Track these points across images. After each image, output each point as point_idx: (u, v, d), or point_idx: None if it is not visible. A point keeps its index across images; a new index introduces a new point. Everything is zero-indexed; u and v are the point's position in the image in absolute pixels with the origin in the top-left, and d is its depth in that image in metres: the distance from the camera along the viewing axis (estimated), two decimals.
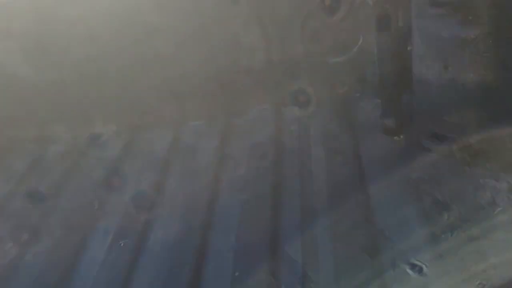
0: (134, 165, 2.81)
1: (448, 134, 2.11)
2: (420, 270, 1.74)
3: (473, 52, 1.87)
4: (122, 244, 2.24)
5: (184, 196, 2.48)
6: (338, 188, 2.30)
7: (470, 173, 2.10)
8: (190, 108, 3.13)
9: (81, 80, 3.07)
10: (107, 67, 3.04)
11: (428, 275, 1.71)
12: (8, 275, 2.16)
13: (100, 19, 2.87)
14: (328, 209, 2.20)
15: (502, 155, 2.02)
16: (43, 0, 2.89)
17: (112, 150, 3.00)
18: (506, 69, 1.85)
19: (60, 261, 2.19)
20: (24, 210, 2.57)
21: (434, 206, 2.05)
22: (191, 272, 2.02)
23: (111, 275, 2.09)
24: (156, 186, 2.60)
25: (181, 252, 2.14)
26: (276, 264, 1.98)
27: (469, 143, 2.07)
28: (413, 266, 1.76)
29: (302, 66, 2.96)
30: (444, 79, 1.98)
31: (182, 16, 2.89)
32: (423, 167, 2.20)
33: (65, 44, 2.96)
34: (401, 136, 2.43)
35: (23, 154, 3.05)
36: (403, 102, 2.40)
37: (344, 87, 2.91)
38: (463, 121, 2.03)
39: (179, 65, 3.02)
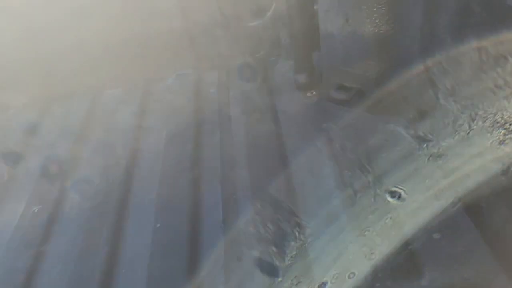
0: (47, 135, 2.69)
1: (353, 85, 2.28)
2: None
3: (370, 6, 2.03)
4: (36, 210, 2.16)
5: (102, 160, 2.43)
6: (256, 142, 2.39)
7: (371, 119, 2.29)
8: (107, 76, 3.04)
9: None
10: (16, 37, 2.85)
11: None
12: None
13: None
14: (248, 160, 2.29)
15: (397, 102, 2.23)
16: None
17: (23, 122, 2.84)
18: (400, 20, 2.03)
19: None
20: None
21: (343, 152, 2.22)
22: (112, 228, 2.01)
23: (25, 239, 2.01)
24: (71, 153, 2.51)
25: (100, 212, 2.11)
26: (196, 215, 2.03)
27: (370, 93, 2.25)
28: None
29: (220, 31, 2.99)
30: (346, 32, 2.13)
31: None
32: (332, 117, 2.36)
33: None
34: (313, 92, 2.58)
35: None
36: (313, 59, 2.54)
37: (261, 50, 3.00)
38: (365, 72, 2.20)
39: (93, 32, 2.91)
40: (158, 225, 1.98)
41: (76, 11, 2.86)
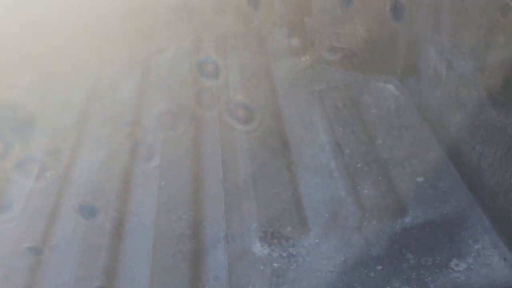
0: (52, 109, 2.81)
1: (343, 45, 2.36)
2: None
3: None
4: (48, 176, 2.30)
5: (108, 130, 2.55)
6: (254, 104, 2.50)
7: (364, 78, 2.38)
8: (108, 51, 3.13)
9: None
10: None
11: None
12: None
13: None
14: (245, 123, 2.40)
15: (388, 60, 2.32)
16: None
17: (28, 99, 2.95)
18: None
19: None
20: None
21: (335, 110, 2.33)
22: (119, 191, 2.14)
23: (40, 204, 2.16)
24: (77, 124, 2.63)
25: (107, 175, 2.25)
26: (197, 172, 2.15)
27: (360, 52, 2.34)
28: None
29: (216, 2, 3.07)
30: None
31: None
32: (324, 79, 2.46)
33: None
34: (307, 56, 2.66)
35: None
36: (306, 23, 2.62)
37: (256, 20, 3.07)
38: (353, 31, 2.28)
39: (91, 8, 3.00)
40: (162, 183, 2.11)
41: None
